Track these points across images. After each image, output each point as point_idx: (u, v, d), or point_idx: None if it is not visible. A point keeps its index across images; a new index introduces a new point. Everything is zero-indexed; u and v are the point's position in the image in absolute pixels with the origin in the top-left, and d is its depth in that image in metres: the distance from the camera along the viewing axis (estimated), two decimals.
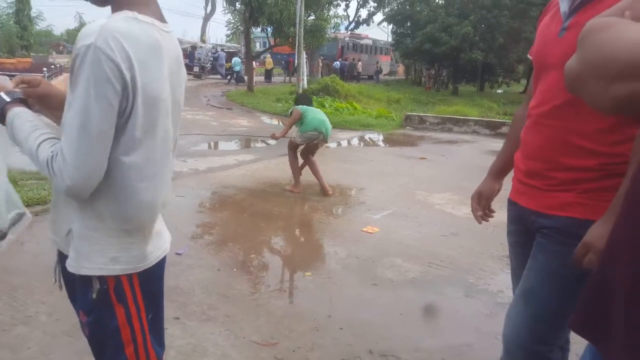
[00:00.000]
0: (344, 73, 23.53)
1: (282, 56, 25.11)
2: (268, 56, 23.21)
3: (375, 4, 28.77)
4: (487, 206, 1.52)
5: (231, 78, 21.16)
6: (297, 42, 14.11)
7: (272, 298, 2.53)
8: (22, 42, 25.84)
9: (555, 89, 1.18)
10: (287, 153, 4.78)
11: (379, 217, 3.98)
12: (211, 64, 23.11)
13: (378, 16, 30.41)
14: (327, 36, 19.38)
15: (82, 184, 0.93)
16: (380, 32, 34.54)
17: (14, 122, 1.00)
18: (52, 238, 1.10)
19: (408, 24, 23.19)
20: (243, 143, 7.91)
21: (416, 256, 3.16)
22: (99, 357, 1.12)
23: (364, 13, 30.78)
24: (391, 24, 25.15)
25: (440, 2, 23.38)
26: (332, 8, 21.61)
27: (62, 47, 30.97)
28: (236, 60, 21.40)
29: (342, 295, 2.64)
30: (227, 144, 7.81)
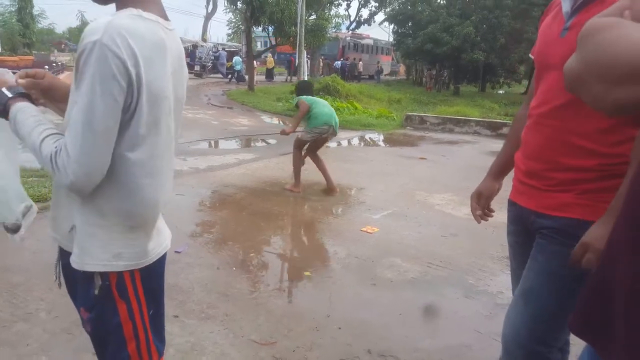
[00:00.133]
0: (345, 73, 23.54)
1: (286, 55, 25.12)
2: (269, 55, 23.21)
3: (376, 4, 28.79)
4: (487, 206, 1.52)
5: (232, 77, 21.18)
6: (298, 42, 14.13)
7: (272, 297, 2.53)
8: (24, 40, 25.87)
9: (556, 89, 1.17)
10: (293, 151, 4.66)
11: (379, 217, 3.98)
12: (212, 63, 23.14)
13: (379, 16, 30.47)
14: (328, 36, 19.41)
15: (86, 180, 0.93)
16: (381, 32, 34.54)
17: (17, 117, 1.00)
18: (53, 235, 1.10)
19: (409, 24, 23.20)
20: (243, 142, 7.91)
21: (416, 256, 3.16)
22: (101, 354, 1.12)
23: (365, 13, 30.86)
24: (392, 24, 25.16)
25: (441, 2, 23.39)
26: (334, 8, 21.69)
27: (64, 45, 31.00)
28: (237, 59, 21.43)
29: (341, 294, 2.64)
30: (228, 143, 7.81)
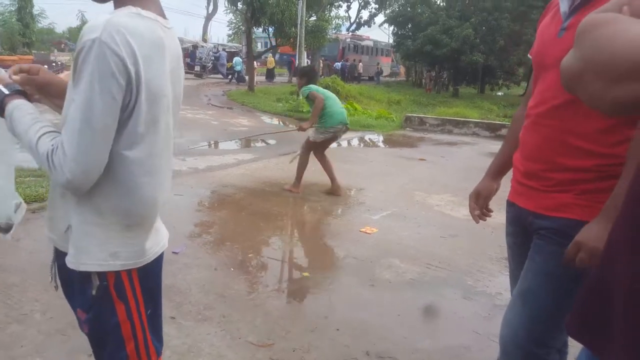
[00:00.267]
0: (345, 74, 23.55)
1: (287, 57, 25.13)
2: (270, 55, 23.23)
3: (376, 6, 28.85)
4: (485, 205, 1.51)
5: (232, 77, 21.19)
6: (298, 43, 14.13)
7: (269, 298, 2.52)
8: (24, 40, 25.89)
9: (554, 89, 1.17)
10: (301, 153, 4.54)
11: (378, 218, 3.97)
12: (212, 64, 23.16)
13: (379, 17, 30.53)
14: (328, 37, 19.42)
15: (82, 178, 0.92)
16: (381, 34, 34.58)
17: (14, 114, 0.99)
18: (49, 236, 1.08)
19: (409, 26, 23.23)
20: (243, 142, 7.90)
21: (414, 257, 3.15)
22: (99, 354, 1.10)
23: (365, 14, 30.92)
24: (392, 26, 25.19)
25: (441, 4, 23.43)
26: (334, 9, 21.74)
27: (64, 45, 30.99)
28: (237, 60, 21.44)
29: (340, 295, 2.62)
30: (227, 143, 7.80)
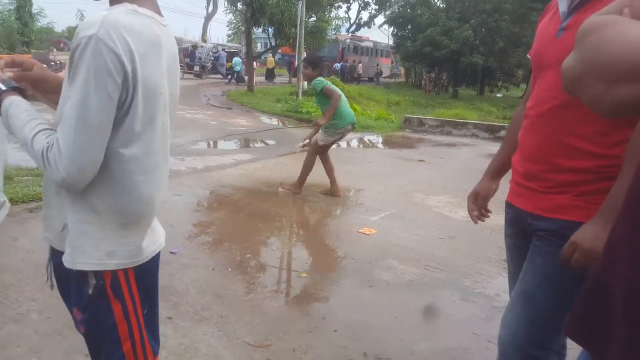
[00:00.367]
0: (345, 75, 23.58)
1: (289, 57, 25.13)
2: (269, 55, 23.23)
3: (376, 7, 28.85)
4: (484, 206, 1.51)
5: (232, 78, 21.18)
6: (298, 43, 14.13)
7: (267, 299, 2.51)
8: (23, 39, 25.88)
9: (552, 89, 1.16)
10: (308, 156, 4.44)
11: (377, 219, 3.97)
12: (212, 64, 23.15)
13: (379, 19, 30.53)
14: (328, 38, 19.42)
15: (78, 176, 0.91)
16: (381, 35, 34.65)
17: (10, 111, 0.99)
18: (45, 235, 1.08)
19: (409, 27, 23.25)
20: (242, 142, 7.89)
21: (413, 258, 3.14)
22: (95, 354, 1.10)
23: (365, 15, 30.95)
24: (392, 27, 25.22)
25: (441, 6, 23.45)
26: (333, 10, 21.68)
27: (63, 44, 30.96)
28: (237, 60, 21.45)
29: (338, 297, 2.62)
30: (226, 143, 7.79)
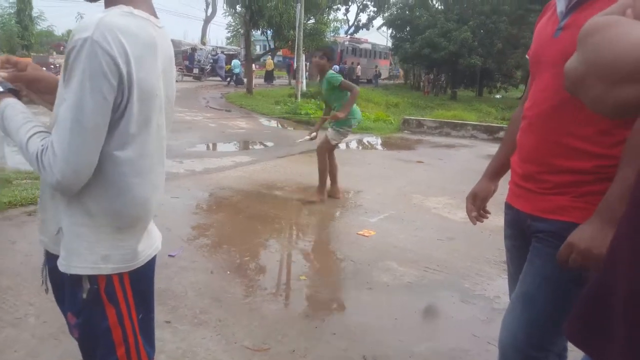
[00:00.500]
0: (343, 76, 23.54)
1: (289, 59, 25.14)
2: (269, 57, 23.26)
3: (375, 9, 28.87)
4: (482, 207, 1.50)
5: (231, 80, 21.19)
6: (297, 46, 14.15)
7: (266, 302, 2.50)
8: (23, 42, 25.90)
9: (550, 89, 1.16)
10: (320, 157, 4.38)
11: (376, 221, 3.96)
12: (211, 66, 23.16)
13: (378, 21, 30.52)
14: (327, 40, 19.45)
15: (72, 179, 0.91)
16: (379, 37, 34.70)
17: (6, 112, 0.99)
18: (40, 238, 1.07)
19: (407, 29, 23.28)
20: (241, 144, 7.89)
21: (412, 260, 3.14)
22: (90, 359, 1.09)
23: (364, 17, 30.88)
24: (390, 29, 25.25)
25: (439, 8, 23.49)
26: (332, 12, 21.72)
27: (63, 48, 30.86)
28: (236, 62, 21.46)
29: (337, 299, 2.61)
30: (225, 145, 7.79)
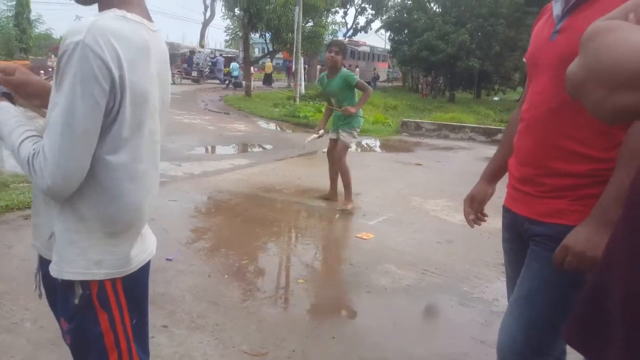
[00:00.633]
0: None
1: (287, 62, 25.15)
2: (268, 60, 23.29)
3: (373, 12, 28.92)
4: (480, 210, 1.50)
5: (229, 83, 21.20)
6: (295, 48, 14.16)
7: (264, 306, 2.49)
8: (21, 45, 25.93)
9: (547, 93, 1.15)
10: (339, 163, 4.22)
11: (374, 223, 3.95)
12: (210, 69, 23.18)
13: (376, 23, 30.56)
14: (325, 42, 19.49)
15: (63, 184, 0.90)
16: (377, 39, 34.71)
17: None
18: (33, 243, 1.07)
19: (405, 32, 23.31)
20: (239, 147, 7.88)
21: (411, 263, 3.13)
22: None
23: (362, 20, 30.93)
24: (389, 32, 25.27)
25: (437, 10, 23.54)
26: (330, 15, 21.76)
27: None
28: (234, 65, 21.48)
29: (335, 302, 2.60)
30: (223, 148, 7.78)
